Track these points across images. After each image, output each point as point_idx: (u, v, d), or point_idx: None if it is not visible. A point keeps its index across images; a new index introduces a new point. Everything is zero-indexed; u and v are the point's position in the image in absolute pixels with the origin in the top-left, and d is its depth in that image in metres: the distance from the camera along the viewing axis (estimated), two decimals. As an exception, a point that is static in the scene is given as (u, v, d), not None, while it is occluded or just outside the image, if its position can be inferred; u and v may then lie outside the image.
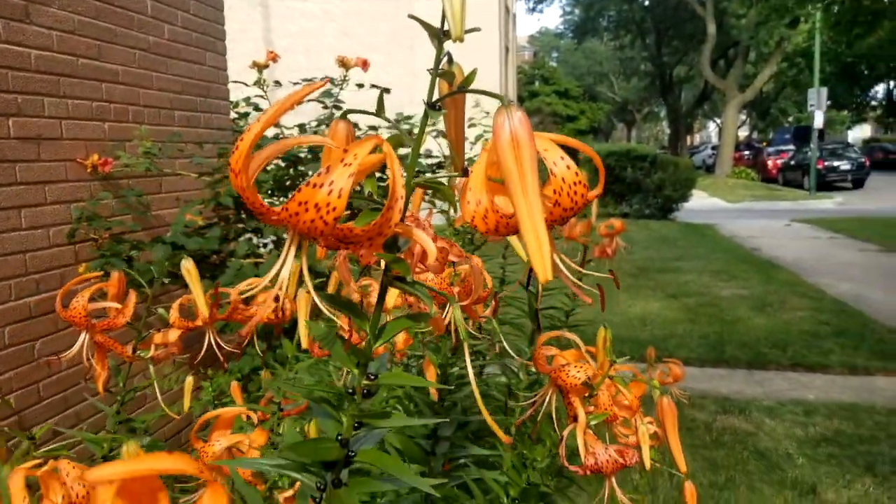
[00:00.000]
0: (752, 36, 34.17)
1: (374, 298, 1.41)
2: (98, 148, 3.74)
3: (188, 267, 1.50)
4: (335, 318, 0.76)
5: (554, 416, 1.34)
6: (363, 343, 0.83)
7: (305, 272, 0.71)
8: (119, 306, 1.53)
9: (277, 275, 0.69)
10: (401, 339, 1.66)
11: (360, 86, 3.86)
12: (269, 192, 3.73)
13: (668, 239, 15.36)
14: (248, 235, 3.89)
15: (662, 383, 1.73)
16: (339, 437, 0.84)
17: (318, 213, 0.64)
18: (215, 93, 4.89)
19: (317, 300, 0.71)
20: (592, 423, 1.30)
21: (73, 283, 1.51)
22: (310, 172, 3.77)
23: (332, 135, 0.81)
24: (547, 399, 1.30)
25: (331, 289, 1.86)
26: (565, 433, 1.27)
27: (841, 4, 11.65)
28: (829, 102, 34.10)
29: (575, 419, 1.31)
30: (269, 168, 3.87)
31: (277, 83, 3.86)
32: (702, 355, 7.13)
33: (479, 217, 0.73)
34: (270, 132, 3.93)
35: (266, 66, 3.59)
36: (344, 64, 3.60)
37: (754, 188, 30.28)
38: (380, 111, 0.82)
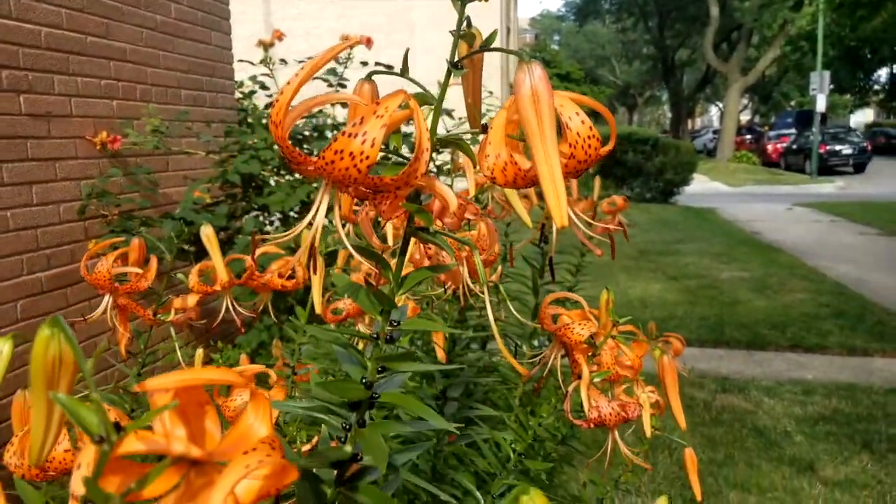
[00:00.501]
0: (756, 19, 33.99)
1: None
2: (107, 125, 3.79)
3: (208, 233, 1.55)
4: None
5: (559, 375, 1.40)
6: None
7: (337, 220, 0.76)
8: (140, 271, 1.59)
9: (312, 221, 0.75)
10: (409, 309, 1.72)
11: (364, 63, 3.90)
12: (275, 169, 3.78)
13: (669, 222, 15.40)
14: (254, 213, 3.94)
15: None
16: (364, 380, 0.90)
17: (352, 161, 0.69)
18: (220, 72, 4.92)
19: (348, 246, 0.76)
20: (596, 380, 1.36)
21: (97, 249, 1.56)
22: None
23: (359, 93, 0.86)
24: (552, 358, 1.36)
25: (340, 263, 1.91)
26: (570, 388, 1.33)
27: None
28: (831, 86, 33.98)
29: (579, 377, 1.37)
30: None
31: (283, 61, 3.89)
32: (701, 336, 7.20)
33: (499, 169, 0.78)
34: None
35: (272, 45, 3.63)
36: (347, 41, 3.63)
37: (756, 172, 30.25)
38: (404, 72, 0.86)
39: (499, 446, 1.50)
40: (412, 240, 0.89)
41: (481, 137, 0.84)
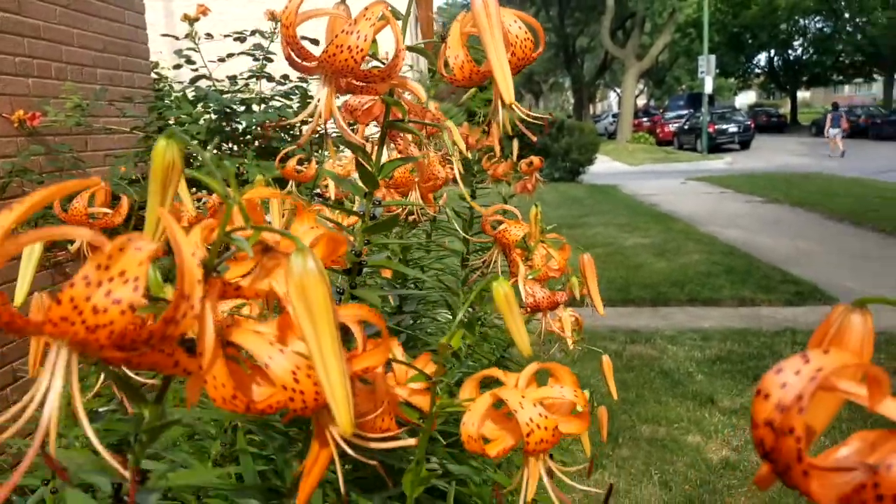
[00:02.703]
0: (648, 7, 35.64)
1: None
2: (23, 104, 3.75)
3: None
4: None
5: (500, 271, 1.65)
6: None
7: (335, 109, 0.98)
8: (107, 210, 1.73)
9: (318, 107, 0.96)
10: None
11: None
12: (202, 142, 3.86)
13: (577, 199, 16.11)
14: (182, 188, 3.99)
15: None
16: (353, 250, 1.12)
17: (350, 54, 0.91)
18: (136, 51, 4.89)
19: (342, 128, 0.98)
20: (529, 276, 1.62)
21: (69, 191, 1.69)
22: (242, 123, 3.91)
23: (336, 10, 1.06)
24: (493, 258, 1.61)
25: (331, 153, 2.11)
26: (510, 284, 1.58)
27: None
28: (717, 70, 36.12)
29: (517, 277, 1.63)
30: (201, 121, 3.98)
31: (209, 35, 3.95)
32: (611, 296, 7.71)
33: (458, 67, 1.02)
34: (203, 83, 4.04)
35: (197, 20, 3.69)
36: (274, 17, 3.75)
37: (653, 152, 31.84)
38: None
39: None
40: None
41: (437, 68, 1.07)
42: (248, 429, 1.25)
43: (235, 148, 4.13)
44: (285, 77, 4.22)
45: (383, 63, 1.01)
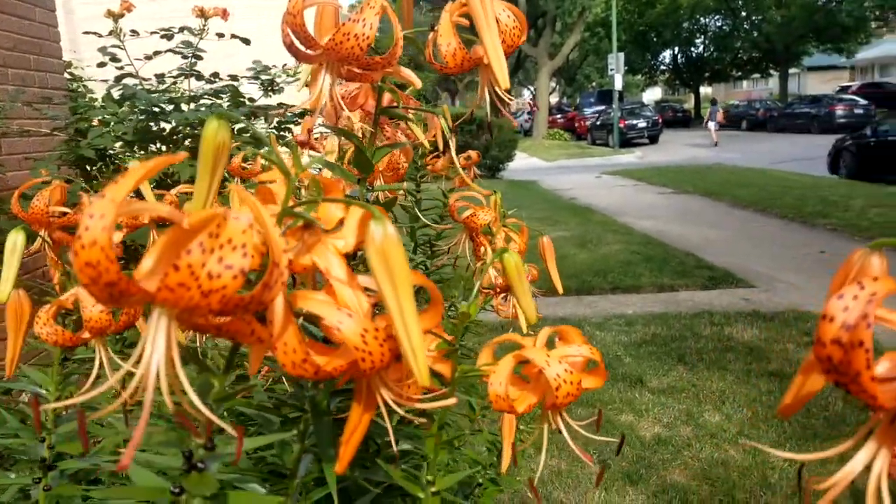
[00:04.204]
0: (559, 6, 36.57)
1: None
2: (-68, 104, 3.53)
3: (134, 167, 1.68)
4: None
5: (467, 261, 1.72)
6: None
7: (337, 95, 1.01)
8: (67, 210, 1.69)
9: (321, 89, 0.99)
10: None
11: (220, 35, 3.94)
12: (130, 143, 3.73)
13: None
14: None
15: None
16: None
17: (356, 41, 0.95)
18: (48, 50, 4.67)
19: (344, 109, 1.02)
20: (495, 258, 1.69)
21: (25, 188, 1.64)
22: (172, 122, 3.81)
23: (322, 9, 1.10)
24: (462, 242, 1.68)
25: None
26: (478, 266, 1.65)
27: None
28: (625, 68, 37.54)
29: (481, 259, 1.70)
30: (127, 121, 3.85)
31: (134, 32, 3.82)
32: (538, 287, 7.91)
33: (451, 55, 1.07)
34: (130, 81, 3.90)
35: (122, 16, 3.56)
36: (203, 14, 3.67)
37: (568, 147, 32.75)
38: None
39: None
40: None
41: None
42: (240, 412, 1.26)
43: (164, 148, 4.02)
44: (215, 75, 4.14)
45: (383, 52, 1.05)
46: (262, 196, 0.84)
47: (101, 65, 3.89)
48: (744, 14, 44.33)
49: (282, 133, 4.47)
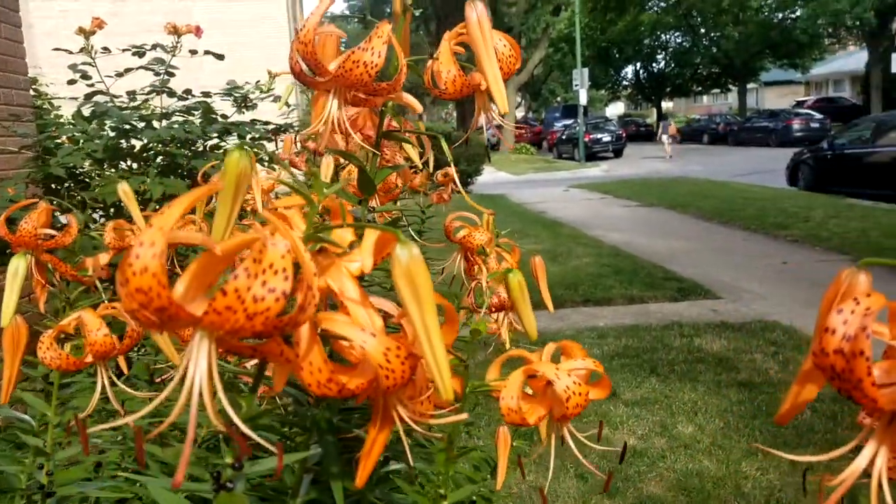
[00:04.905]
0: (524, 23, 37.10)
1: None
2: None
3: (125, 189, 1.68)
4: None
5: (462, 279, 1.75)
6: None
7: (344, 119, 1.04)
8: (54, 232, 1.68)
9: (329, 113, 1.01)
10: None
11: (194, 52, 3.92)
12: (100, 160, 3.68)
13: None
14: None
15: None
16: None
17: (365, 69, 0.97)
18: (13, 66, 4.59)
19: (351, 134, 1.04)
20: (489, 278, 1.73)
21: (13, 209, 1.62)
22: (144, 140, 3.78)
23: (329, 30, 1.12)
24: (457, 260, 1.71)
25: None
26: (472, 285, 1.68)
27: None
28: (589, 83, 38.21)
29: (475, 279, 1.73)
30: (97, 139, 3.81)
31: (106, 49, 3.77)
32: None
33: (451, 82, 1.11)
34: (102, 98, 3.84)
35: (93, 33, 3.52)
36: (175, 31, 3.64)
37: (534, 162, 33.09)
38: (365, 17, 1.15)
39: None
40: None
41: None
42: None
43: (136, 166, 3.98)
44: (188, 92, 4.12)
45: (388, 79, 1.08)
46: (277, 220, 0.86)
47: (72, 82, 3.84)
48: (703, 31, 45.54)
49: (255, 150, 4.45)
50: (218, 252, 0.58)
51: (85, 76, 3.77)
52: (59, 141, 4.03)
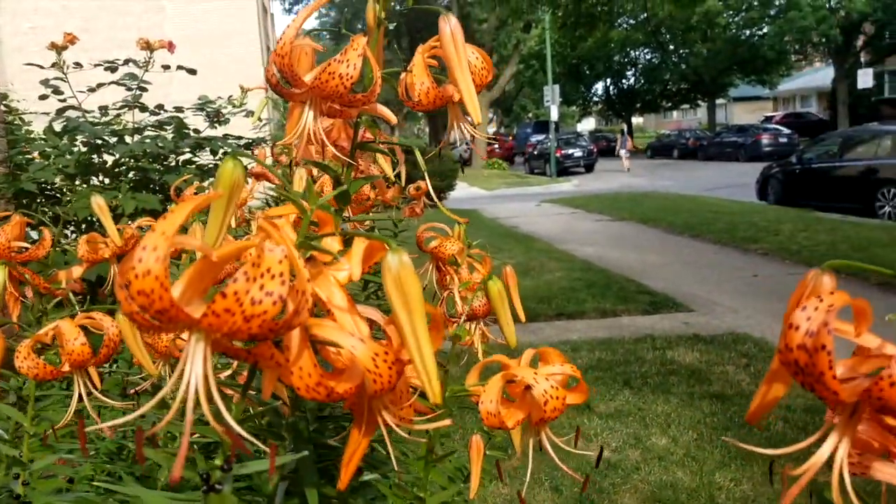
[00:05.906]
0: (494, 39, 37.50)
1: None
2: None
3: (100, 203, 1.67)
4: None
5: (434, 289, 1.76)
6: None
7: (320, 131, 1.05)
8: (28, 245, 1.66)
9: (303, 129, 1.02)
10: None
11: (166, 67, 3.90)
12: (71, 175, 3.64)
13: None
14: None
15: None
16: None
17: (340, 81, 0.99)
18: (-20, 80, 4.53)
19: (326, 144, 1.05)
20: (461, 288, 1.74)
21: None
22: (116, 155, 3.74)
23: (304, 44, 1.14)
24: (430, 271, 1.72)
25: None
26: (444, 295, 1.70)
27: (566, 7, 13.58)
28: (560, 99, 38.67)
29: (447, 288, 1.74)
30: (69, 154, 3.77)
31: (78, 64, 3.74)
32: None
33: (424, 93, 1.12)
34: (73, 111, 3.81)
35: (65, 48, 3.48)
36: (148, 46, 3.63)
37: (506, 177, 33.33)
38: (341, 31, 1.17)
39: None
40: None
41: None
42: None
43: (107, 181, 3.94)
44: (160, 107, 4.10)
45: (363, 90, 1.09)
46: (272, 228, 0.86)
47: (43, 97, 3.80)
48: (672, 48, 46.46)
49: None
50: (214, 258, 0.60)
51: (56, 91, 3.74)
52: (30, 156, 3.98)
